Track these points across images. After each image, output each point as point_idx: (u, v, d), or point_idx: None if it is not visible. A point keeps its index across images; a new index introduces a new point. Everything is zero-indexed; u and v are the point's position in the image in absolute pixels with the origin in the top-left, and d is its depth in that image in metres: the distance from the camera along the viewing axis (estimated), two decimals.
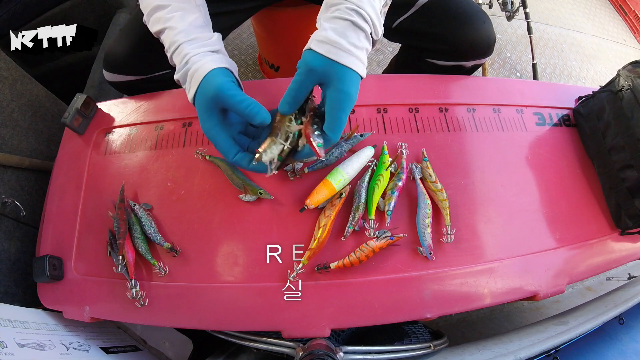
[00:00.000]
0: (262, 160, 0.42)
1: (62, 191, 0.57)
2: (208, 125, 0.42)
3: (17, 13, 0.88)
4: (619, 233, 0.55)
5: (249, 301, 0.46)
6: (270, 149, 0.42)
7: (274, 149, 0.42)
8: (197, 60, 0.42)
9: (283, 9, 0.87)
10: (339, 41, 0.38)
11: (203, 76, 0.41)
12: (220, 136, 0.42)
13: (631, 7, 1.90)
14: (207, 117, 0.42)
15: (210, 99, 0.41)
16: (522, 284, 0.48)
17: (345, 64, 0.38)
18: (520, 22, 1.42)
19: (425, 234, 0.48)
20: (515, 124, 0.59)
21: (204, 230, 0.50)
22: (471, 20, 0.58)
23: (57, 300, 0.51)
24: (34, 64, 0.99)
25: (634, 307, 0.55)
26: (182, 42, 0.44)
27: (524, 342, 0.48)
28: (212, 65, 0.42)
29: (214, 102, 0.41)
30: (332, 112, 0.40)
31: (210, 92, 0.40)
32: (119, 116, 0.61)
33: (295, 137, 0.43)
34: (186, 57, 0.43)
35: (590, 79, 1.60)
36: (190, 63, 0.43)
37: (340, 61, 0.38)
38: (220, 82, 0.41)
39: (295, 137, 0.43)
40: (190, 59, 0.43)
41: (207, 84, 0.41)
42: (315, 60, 0.39)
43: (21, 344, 0.43)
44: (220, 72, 0.42)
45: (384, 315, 0.45)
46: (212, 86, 0.40)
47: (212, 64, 0.42)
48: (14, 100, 0.69)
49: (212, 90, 0.40)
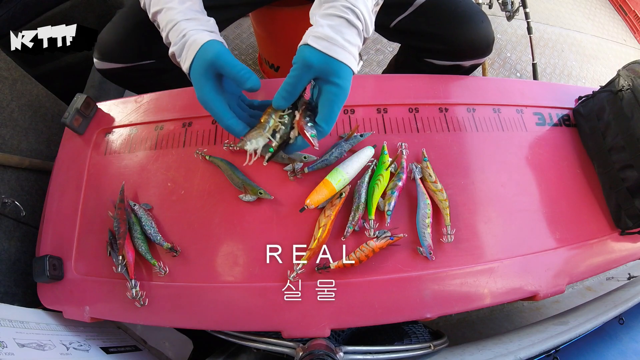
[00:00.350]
0: (246, 148, 0.44)
1: (62, 191, 0.57)
2: (204, 91, 0.43)
3: (17, 13, 0.88)
4: (619, 233, 0.55)
5: (249, 301, 0.46)
6: (256, 140, 0.44)
7: (260, 141, 0.44)
8: (194, 34, 0.44)
9: (282, 9, 0.87)
10: (335, 38, 0.39)
11: (201, 45, 0.43)
12: (215, 101, 0.44)
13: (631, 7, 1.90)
14: (203, 83, 0.43)
15: (208, 64, 0.42)
16: (522, 284, 0.48)
17: (341, 59, 0.40)
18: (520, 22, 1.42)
19: (425, 234, 0.48)
20: (515, 124, 0.59)
21: (204, 230, 0.50)
22: (469, 19, 0.58)
23: (57, 300, 0.51)
24: (34, 64, 0.99)
25: (634, 307, 0.55)
26: (180, 19, 0.45)
27: (524, 342, 0.48)
28: (209, 36, 0.44)
29: (211, 66, 0.42)
30: (328, 105, 0.42)
31: (207, 57, 0.42)
32: (119, 116, 0.61)
33: (287, 130, 0.44)
34: (184, 31, 0.44)
35: (590, 79, 1.60)
36: (188, 36, 0.44)
37: (336, 57, 0.40)
38: (218, 49, 0.42)
39: (288, 129, 0.44)
40: (188, 32, 0.44)
41: (204, 52, 0.42)
42: (312, 56, 0.40)
43: (21, 344, 0.43)
44: (217, 42, 0.44)
45: (384, 315, 0.45)
46: (210, 52, 0.42)
47: (210, 36, 0.44)
48: (14, 100, 0.69)
49: (209, 55, 0.42)
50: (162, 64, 0.67)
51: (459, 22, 0.58)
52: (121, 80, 0.68)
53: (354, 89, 0.58)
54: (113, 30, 0.62)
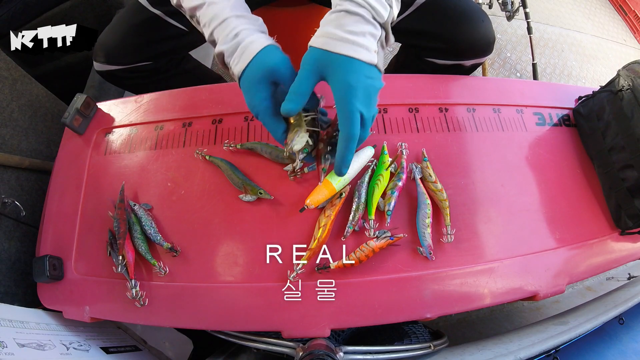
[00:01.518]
0: (294, 150, 0.43)
1: (62, 191, 0.57)
2: (258, 99, 0.41)
3: (17, 13, 0.88)
4: (619, 233, 0.55)
5: (249, 301, 0.46)
6: (300, 137, 0.42)
7: (304, 137, 0.43)
8: (249, 34, 0.41)
9: (282, 9, 0.87)
10: (334, 32, 0.38)
11: (260, 49, 0.40)
12: (269, 112, 0.41)
13: (631, 7, 1.90)
14: (258, 90, 0.41)
15: (267, 71, 0.40)
16: (522, 284, 0.48)
17: (342, 52, 0.37)
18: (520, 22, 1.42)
19: (425, 234, 0.48)
20: (515, 124, 0.59)
21: (204, 230, 0.50)
22: (470, 19, 0.58)
23: (57, 300, 0.51)
24: (34, 64, 0.99)
25: (634, 307, 0.55)
26: (229, 16, 0.42)
27: (524, 342, 0.48)
28: (267, 40, 0.41)
29: (270, 74, 0.40)
30: (339, 106, 0.39)
31: (268, 63, 0.40)
32: (119, 116, 0.61)
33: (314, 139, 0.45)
34: (235, 29, 0.41)
35: (590, 79, 1.60)
36: (242, 36, 0.41)
37: (335, 50, 0.37)
38: (281, 56, 0.41)
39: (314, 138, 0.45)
40: (242, 32, 0.41)
41: (264, 57, 0.40)
42: (311, 53, 0.39)
43: (21, 344, 0.43)
44: (277, 49, 0.42)
45: (384, 315, 0.45)
46: (272, 59, 0.40)
47: (267, 40, 0.41)
48: (14, 100, 0.69)
49: (271, 62, 0.40)
50: (159, 64, 0.68)
51: (460, 21, 0.58)
52: (120, 82, 0.69)
53: None
54: (112, 33, 0.63)
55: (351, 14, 0.38)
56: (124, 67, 0.64)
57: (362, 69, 0.38)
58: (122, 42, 0.62)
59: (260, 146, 0.53)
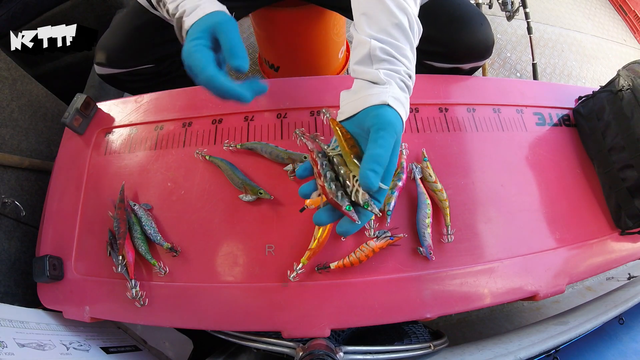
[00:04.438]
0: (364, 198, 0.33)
1: (62, 191, 0.57)
2: (193, 43, 0.40)
3: (17, 13, 0.88)
4: (619, 233, 0.55)
5: (249, 301, 0.46)
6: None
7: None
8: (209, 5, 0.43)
9: (282, 9, 0.87)
10: (405, 105, 0.37)
11: (211, 11, 0.42)
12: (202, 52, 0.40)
13: (631, 7, 1.90)
14: (197, 38, 0.41)
15: (210, 25, 0.41)
16: (522, 284, 0.48)
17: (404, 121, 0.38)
18: (520, 22, 1.42)
19: (425, 234, 0.48)
20: (515, 124, 0.59)
21: (204, 230, 0.50)
22: (468, 22, 0.58)
23: (57, 300, 0.51)
24: (34, 64, 0.99)
25: (634, 307, 0.55)
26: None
27: (524, 342, 0.48)
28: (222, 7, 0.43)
29: (212, 28, 0.41)
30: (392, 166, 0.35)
31: (213, 19, 0.41)
32: (119, 116, 0.61)
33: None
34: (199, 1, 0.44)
35: (590, 79, 1.59)
36: (202, 3, 0.43)
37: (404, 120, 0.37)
38: (228, 17, 0.42)
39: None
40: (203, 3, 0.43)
41: (212, 15, 0.42)
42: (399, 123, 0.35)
43: (21, 344, 0.43)
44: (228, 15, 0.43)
45: (384, 315, 0.45)
46: (218, 16, 0.41)
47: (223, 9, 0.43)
48: (14, 100, 0.69)
49: (216, 18, 0.41)
50: (161, 67, 0.67)
51: (458, 25, 0.57)
52: (122, 85, 0.68)
53: None
54: (113, 36, 0.63)
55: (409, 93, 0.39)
56: (126, 70, 0.64)
57: None
58: (123, 45, 0.62)
59: (260, 146, 0.53)
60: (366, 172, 0.31)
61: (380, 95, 0.35)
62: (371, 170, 0.31)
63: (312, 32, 1.00)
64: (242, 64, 0.39)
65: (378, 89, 0.36)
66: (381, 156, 0.32)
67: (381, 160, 0.32)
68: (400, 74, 0.37)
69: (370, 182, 0.31)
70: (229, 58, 0.39)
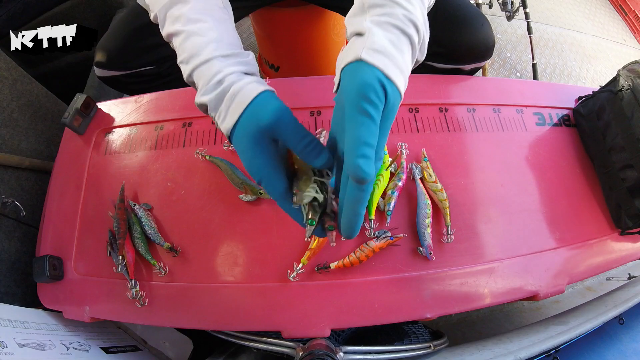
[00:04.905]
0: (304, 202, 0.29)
1: (62, 191, 0.57)
2: (259, 163, 0.30)
3: (17, 13, 0.88)
4: (619, 233, 0.55)
5: (249, 301, 0.46)
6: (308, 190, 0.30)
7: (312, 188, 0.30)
8: (237, 80, 0.32)
9: (282, 10, 0.87)
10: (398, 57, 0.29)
11: (251, 99, 0.31)
12: (275, 177, 0.30)
13: (631, 7, 1.90)
14: (258, 152, 0.30)
15: (264, 128, 0.30)
16: (522, 284, 0.48)
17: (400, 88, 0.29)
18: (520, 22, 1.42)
19: (425, 234, 0.48)
20: (515, 124, 0.59)
21: (204, 230, 0.50)
22: (469, 23, 0.57)
23: (57, 300, 0.51)
24: (34, 64, 0.99)
25: (634, 307, 0.54)
26: (214, 56, 0.33)
27: (524, 342, 0.48)
28: (260, 87, 0.31)
29: (269, 131, 0.30)
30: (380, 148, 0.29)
31: (265, 118, 0.30)
32: (119, 116, 0.61)
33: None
34: (220, 75, 0.33)
35: (590, 79, 1.60)
36: (228, 82, 0.32)
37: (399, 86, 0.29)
38: (278, 107, 0.30)
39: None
40: (227, 78, 0.32)
41: (258, 109, 0.30)
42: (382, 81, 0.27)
43: (21, 344, 0.43)
44: (273, 96, 0.32)
45: (384, 315, 0.45)
46: (268, 112, 0.30)
47: (260, 86, 0.32)
48: (14, 100, 0.69)
49: (267, 116, 0.30)
50: (162, 68, 0.67)
51: (459, 26, 0.57)
52: (122, 87, 0.68)
53: None
54: (113, 37, 0.62)
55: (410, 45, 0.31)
56: (127, 72, 0.64)
57: None
58: (124, 46, 0.62)
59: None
60: (355, 161, 0.24)
61: (355, 48, 0.28)
62: (360, 157, 0.24)
63: (312, 32, 1.00)
64: (325, 162, 0.29)
65: (357, 42, 0.28)
66: (363, 135, 0.25)
67: (366, 138, 0.25)
68: (395, 18, 0.29)
69: (362, 170, 0.24)
70: (306, 161, 0.29)
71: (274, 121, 0.30)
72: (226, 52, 0.34)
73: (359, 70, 0.27)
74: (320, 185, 0.30)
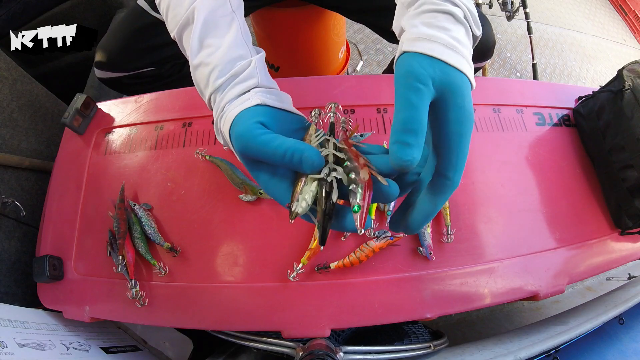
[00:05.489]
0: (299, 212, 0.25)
1: (62, 191, 0.57)
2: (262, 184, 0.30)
3: (17, 13, 0.88)
4: (619, 233, 0.55)
5: (249, 301, 0.46)
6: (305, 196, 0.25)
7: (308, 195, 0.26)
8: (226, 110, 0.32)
9: (282, 10, 0.87)
10: (439, 35, 0.26)
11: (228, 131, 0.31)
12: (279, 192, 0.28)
13: (631, 7, 1.90)
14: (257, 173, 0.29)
15: (242, 155, 0.29)
16: (522, 284, 0.48)
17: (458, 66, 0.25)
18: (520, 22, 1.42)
19: (425, 234, 0.48)
20: (515, 124, 0.59)
21: (204, 230, 0.50)
22: None
23: (57, 300, 0.51)
24: (34, 64, 0.99)
25: (634, 307, 0.54)
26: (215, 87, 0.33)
27: (524, 342, 0.48)
28: (237, 109, 0.31)
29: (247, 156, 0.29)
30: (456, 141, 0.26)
31: (235, 146, 0.29)
32: (119, 116, 0.61)
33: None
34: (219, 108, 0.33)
35: (590, 79, 1.60)
36: (223, 113, 0.33)
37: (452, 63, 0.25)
38: (240, 130, 0.28)
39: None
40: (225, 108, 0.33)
41: (232, 137, 0.30)
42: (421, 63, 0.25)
43: (21, 344, 0.43)
44: (244, 115, 0.30)
45: (384, 315, 0.45)
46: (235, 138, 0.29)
47: (238, 108, 0.31)
48: (14, 100, 0.69)
49: (235, 143, 0.29)
50: (163, 69, 0.67)
51: None
52: (123, 88, 0.68)
53: (353, 89, 0.59)
54: (114, 39, 0.63)
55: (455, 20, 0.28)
56: (128, 73, 0.64)
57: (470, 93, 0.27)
58: (124, 48, 0.62)
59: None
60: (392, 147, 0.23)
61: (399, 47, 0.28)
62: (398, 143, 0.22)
63: (312, 32, 1.00)
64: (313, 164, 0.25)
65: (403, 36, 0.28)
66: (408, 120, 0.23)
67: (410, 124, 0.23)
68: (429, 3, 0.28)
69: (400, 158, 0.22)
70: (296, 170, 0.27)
71: (240, 148, 0.28)
72: (226, 75, 0.33)
73: (401, 63, 0.26)
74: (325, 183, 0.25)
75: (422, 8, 0.28)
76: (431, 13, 0.28)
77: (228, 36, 0.35)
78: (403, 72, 0.25)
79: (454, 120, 0.26)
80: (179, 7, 0.36)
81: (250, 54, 0.36)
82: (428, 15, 0.28)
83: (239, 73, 0.34)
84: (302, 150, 0.25)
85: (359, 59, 1.44)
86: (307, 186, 0.26)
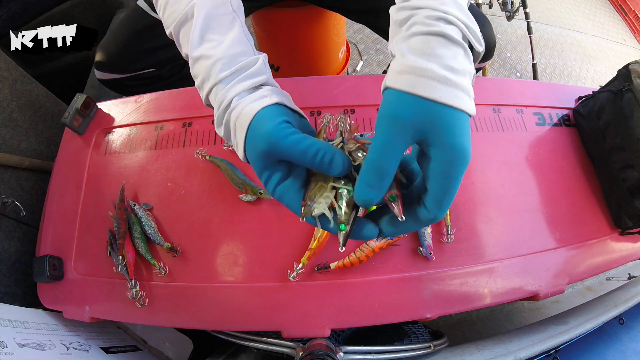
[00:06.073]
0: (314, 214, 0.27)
1: (62, 191, 0.57)
2: (272, 185, 0.29)
3: (17, 13, 0.88)
4: (619, 233, 0.55)
5: (249, 301, 0.46)
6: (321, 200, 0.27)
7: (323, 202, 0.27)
8: (238, 103, 0.31)
9: (282, 10, 0.87)
10: (428, 67, 0.24)
11: (247, 125, 0.29)
12: (291, 196, 0.29)
13: (631, 7, 1.90)
14: (268, 175, 0.29)
15: (264, 154, 0.28)
16: (522, 284, 0.48)
17: (447, 101, 0.24)
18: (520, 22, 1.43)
19: (425, 234, 0.48)
20: (515, 124, 0.59)
21: (204, 230, 0.50)
22: None
23: (57, 300, 0.51)
24: (34, 64, 0.99)
25: (634, 307, 0.55)
26: (219, 80, 0.32)
27: (524, 342, 0.48)
28: (255, 106, 0.30)
29: (271, 155, 0.28)
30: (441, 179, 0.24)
31: (259, 146, 0.28)
32: (119, 116, 0.61)
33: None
34: (225, 101, 0.32)
35: (590, 79, 1.60)
36: (232, 107, 0.31)
37: (439, 99, 0.24)
38: (269, 130, 0.28)
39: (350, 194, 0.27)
40: (232, 103, 0.32)
41: (254, 136, 0.29)
42: (402, 104, 0.24)
43: (21, 344, 0.43)
44: (268, 113, 0.29)
45: (384, 315, 0.45)
46: (262, 138, 0.28)
47: (256, 105, 0.30)
48: (14, 100, 0.69)
49: (261, 144, 0.28)
50: (163, 71, 0.67)
51: None
52: (123, 89, 0.68)
53: (353, 89, 0.59)
54: (114, 40, 0.62)
55: (448, 41, 0.25)
56: (128, 75, 0.64)
57: (468, 125, 0.25)
58: (125, 49, 0.62)
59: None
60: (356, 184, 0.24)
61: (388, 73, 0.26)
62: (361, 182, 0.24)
63: (312, 32, 1.00)
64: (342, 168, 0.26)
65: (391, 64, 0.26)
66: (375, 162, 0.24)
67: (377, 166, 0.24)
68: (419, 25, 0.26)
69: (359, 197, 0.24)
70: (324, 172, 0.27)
71: (268, 147, 0.28)
72: (232, 68, 0.33)
73: (384, 99, 0.25)
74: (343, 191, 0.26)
75: (412, 30, 0.26)
76: (422, 37, 0.25)
77: (231, 33, 0.35)
78: (383, 112, 0.24)
79: (439, 160, 0.24)
80: (177, 4, 0.36)
81: (254, 53, 0.35)
82: (418, 40, 0.25)
83: (246, 68, 0.33)
84: (333, 152, 0.26)
85: (359, 59, 1.44)
86: (326, 192, 0.27)
